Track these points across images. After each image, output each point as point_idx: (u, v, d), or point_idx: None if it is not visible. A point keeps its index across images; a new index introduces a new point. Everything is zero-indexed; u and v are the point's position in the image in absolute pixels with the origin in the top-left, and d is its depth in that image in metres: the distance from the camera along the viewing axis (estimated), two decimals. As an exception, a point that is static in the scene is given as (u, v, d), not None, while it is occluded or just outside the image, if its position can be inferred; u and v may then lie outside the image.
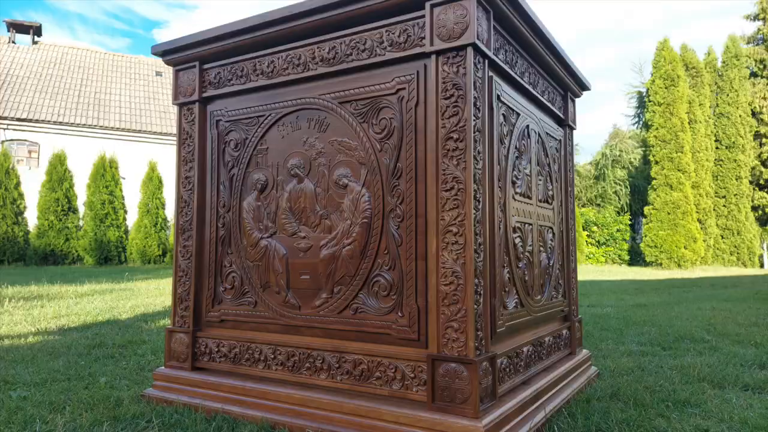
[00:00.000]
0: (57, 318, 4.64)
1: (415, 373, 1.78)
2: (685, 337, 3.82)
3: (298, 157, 2.12)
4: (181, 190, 2.37)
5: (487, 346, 1.76)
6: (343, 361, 1.93)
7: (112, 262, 15.26)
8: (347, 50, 1.97)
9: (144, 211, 15.78)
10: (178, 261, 2.35)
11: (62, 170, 15.43)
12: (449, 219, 1.72)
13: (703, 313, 5.20)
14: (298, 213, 2.11)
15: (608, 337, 3.84)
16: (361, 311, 1.93)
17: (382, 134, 1.92)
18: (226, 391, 2.10)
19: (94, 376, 2.66)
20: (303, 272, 2.07)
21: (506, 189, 2.00)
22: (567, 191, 2.74)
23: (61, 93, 23.03)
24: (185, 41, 2.31)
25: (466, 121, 1.72)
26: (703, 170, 18.69)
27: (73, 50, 25.79)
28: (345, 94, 2.00)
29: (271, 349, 2.09)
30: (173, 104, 2.43)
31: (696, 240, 16.89)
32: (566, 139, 2.76)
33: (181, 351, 2.29)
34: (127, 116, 23.50)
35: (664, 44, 18.18)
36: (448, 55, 1.76)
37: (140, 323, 4.41)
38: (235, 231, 2.25)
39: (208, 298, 2.29)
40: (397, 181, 1.88)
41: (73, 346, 3.39)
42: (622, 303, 6.20)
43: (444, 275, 1.72)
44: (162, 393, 2.24)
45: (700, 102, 19.31)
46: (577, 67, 2.60)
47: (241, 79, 2.24)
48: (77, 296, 6.35)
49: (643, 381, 2.58)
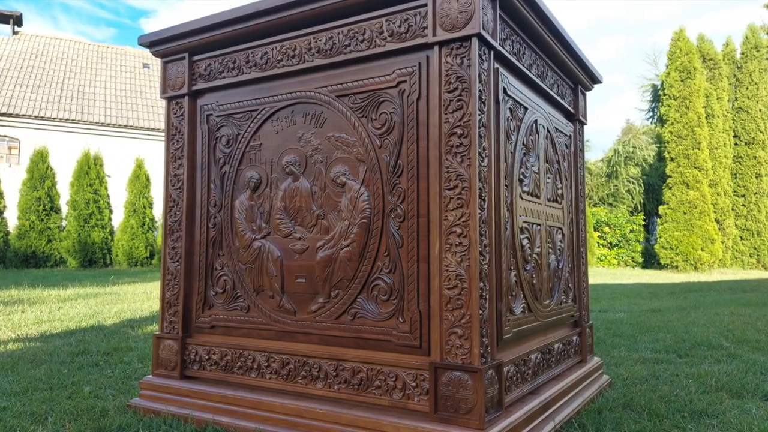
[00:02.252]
0: (38, 324, 4.64)
1: (417, 381, 1.79)
2: (702, 343, 3.83)
3: (294, 154, 2.12)
4: (170, 189, 2.37)
5: (492, 354, 1.76)
6: (341, 370, 1.93)
7: (97, 264, 15.26)
8: (345, 41, 1.98)
9: (130, 210, 15.77)
10: (167, 263, 2.35)
11: (44, 168, 15.42)
12: (453, 219, 1.72)
13: (721, 318, 5.20)
14: (294, 213, 2.11)
15: (621, 344, 3.84)
16: (360, 316, 1.93)
17: (382, 129, 1.92)
18: (217, 401, 2.10)
19: (78, 385, 2.66)
20: (298, 275, 2.07)
21: (513, 187, 2.00)
22: (577, 190, 2.74)
23: (43, 86, 23.02)
24: (174, 31, 2.31)
25: (470, 116, 1.72)
26: (721, 168, 18.69)
27: (55, 41, 25.79)
28: (343, 88, 2.00)
29: (265, 356, 2.09)
30: (161, 98, 2.43)
31: (713, 241, 16.89)
32: (576, 135, 2.77)
33: (169, 358, 2.30)
34: (113, 111, 23.49)
35: (680, 34, 18.18)
36: (452, 45, 1.76)
37: (126, 329, 4.41)
38: (227, 232, 2.25)
39: (198, 303, 2.29)
40: (397, 179, 1.88)
41: (55, 353, 3.39)
42: (636, 308, 6.20)
43: (447, 278, 1.72)
44: (149, 403, 2.24)
45: (717, 95, 19.31)
46: (587, 59, 2.60)
47: (233, 72, 2.25)
48: (60, 301, 6.35)
49: (658, 390, 2.58)
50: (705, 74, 19.11)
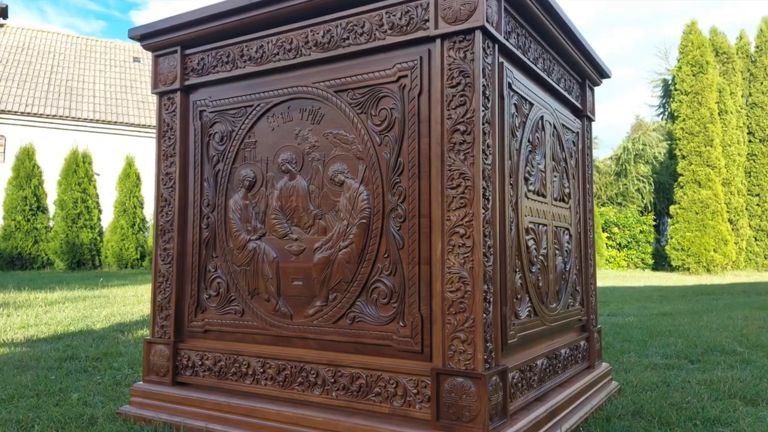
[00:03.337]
0: (25, 328, 4.64)
1: (419, 388, 1.79)
2: (714, 349, 3.83)
3: (290, 152, 2.12)
4: (161, 188, 2.37)
5: (497, 359, 1.77)
6: (339, 376, 1.93)
7: (86, 266, 15.26)
8: (344, 34, 1.98)
9: (120, 210, 15.78)
10: (158, 265, 2.35)
11: (30, 166, 15.42)
12: (456, 219, 1.72)
13: (735, 322, 5.20)
14: (290, 213, 2.11)
15: (630, 349, 3.84)
16: (359, 320, 1.93)
17: (381, 126, 1.92)
18: (210, 409, 2.11)
19: (66, 391, 2.66)
20: (295, 278, 2.07)
21: (518, 186, 2.00)
22: (585, 189, 2.74)
23: (30, 81, 23.03)
24: (166, 24, 2.31)
25: (474, 112, 1.72)
26: (734, 166, 18.69)
27: (42, 34, 25.79)
28: (341, 82, 2.00)
29: (260, 362, 2.09)
30: (152, 93, 2.43)
31: (727, 242, 16.90)
32: (584, 132, 2.77)
33: (161, 364, 2.30)
34: (102, 106, 23.50)
35: (692, 27, 18.19)
36: (455, 39, 1.76)
37: (116, 334, 4.41)
38: (221, 232, 2.25)
39: (190, 306, 2.29)
40: (398, 178, 1.88)
41: (42, 358, 3.40)
42: (646, 311, 6.20)
43: (450, 281, 1.72)
44: (140, 410, 2.24)
45: (731, 91, 19.31)
46: (595, 53, 2.60)
47: (227, 66, 2.25)
48: (47, 304, 6.35)
49: (669, 397, 2.58)
50: (718, 68, 19.11)
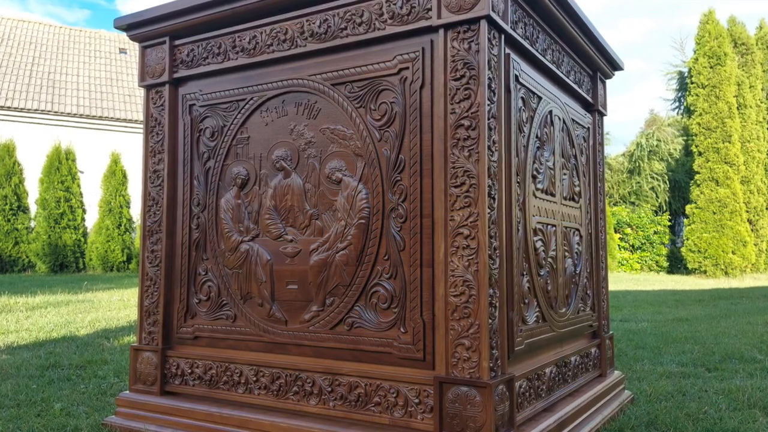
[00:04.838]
0: (4, 334, 4.64)
1: (420, 398, 1.79)
2: (733, 356, 3.83)
3: (285, 148, 2.12)
4: (149, 186, 2.37)
5: (503, 367, 1.77)
6: (337, 385, 1.93)
7: (69, 269, 15.26)
8: (341, 24, 1.98)
9: (105, 210, 15.78)
10: (145, 268, 2.36)
11: (10, 163, 15.42)
12: (460, 219, 1.72)
13: (755, 328, 5.20)
14: (285, 212, 2.11)
15: (644, 357, 3.84)
16: (358, 326, 1.93)
17: (381, 121, 1.92)
18: (200, 419, 2.11)
19: (48, 401, 2.66)
20: (290, 281, 2.07)
21: (526, 184, 2.01)
22: (596, 187, 2.74)
23: (10, 73, 23.03)
24: (153, 13, 2.31)
25: (479, 106, 1.72)
26: (754, 163, 18.69)
27: (23, 24, 25.80)
28: (339, 75, 2.00)
29: (253, 370, 2.09)
30: (139, 86, 2.43)
31: (746, 244, 16.90)
32: (595, 127, 2.77)
33: (148, 372, 2.30)
34: (86, 101, 23.50)
35: (709, 17, 18.19)
36: (459, 29, 1.76)
37: (101, 340, 4.41)
38: (212, 233, 2.25)
39: (179, 312, 2.29)
40: (399, 176, 1.88)
41: (23, 366, 3.40)
42: (660, 317, 6.21)
43: (453, 284, 1.72)
44: (126, 421, 2.24)
45: (750, 84, 19.31)
46: (607, 43, 2.60)
47: (218, 58, 2.25)
48: (28, 309, 6.35)
49: (685, 407, 2.58)
50: (736, 60, 19.10)
